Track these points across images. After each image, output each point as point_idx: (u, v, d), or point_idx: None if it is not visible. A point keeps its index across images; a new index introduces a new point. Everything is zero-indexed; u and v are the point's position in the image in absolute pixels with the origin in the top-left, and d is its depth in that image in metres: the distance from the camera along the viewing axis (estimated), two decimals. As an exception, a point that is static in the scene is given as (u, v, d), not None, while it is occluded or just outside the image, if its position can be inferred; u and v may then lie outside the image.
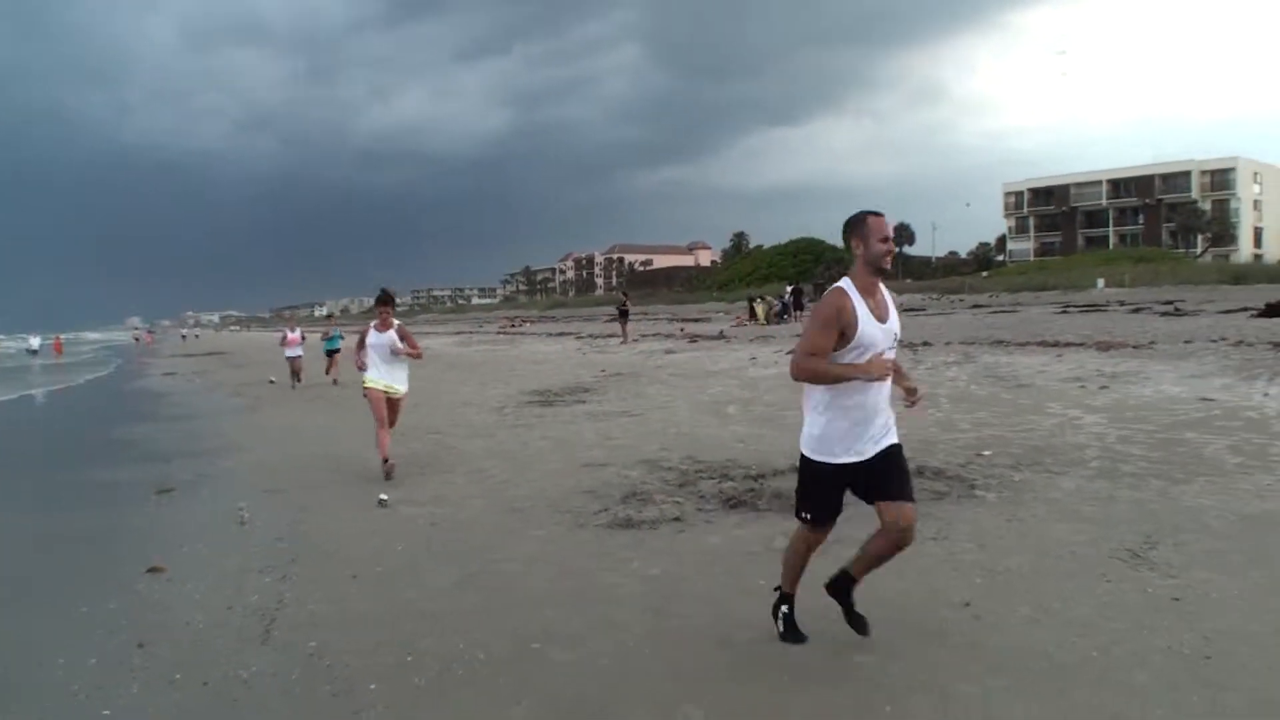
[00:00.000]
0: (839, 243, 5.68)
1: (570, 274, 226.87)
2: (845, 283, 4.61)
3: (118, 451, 14.86)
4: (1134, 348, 19.03)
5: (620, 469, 10.21)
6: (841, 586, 4.99)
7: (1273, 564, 5.94)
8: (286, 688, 4.89)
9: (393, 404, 10.98)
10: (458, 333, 66.46)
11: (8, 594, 7.07)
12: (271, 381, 27.75)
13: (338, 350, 27.17)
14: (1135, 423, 11.06)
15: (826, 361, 4.53)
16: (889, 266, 4.68)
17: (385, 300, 11.04)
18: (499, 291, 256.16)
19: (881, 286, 4.70)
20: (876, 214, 4.65)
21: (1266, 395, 12.34)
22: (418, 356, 11.09)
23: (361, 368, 11.00)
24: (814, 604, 5.14)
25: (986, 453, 9.83)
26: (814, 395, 4.74)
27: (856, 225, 4.64)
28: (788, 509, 7.90)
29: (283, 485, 10.70)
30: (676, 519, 7.89)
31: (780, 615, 5.12)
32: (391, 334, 10.87)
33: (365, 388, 10.94)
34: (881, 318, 4.62)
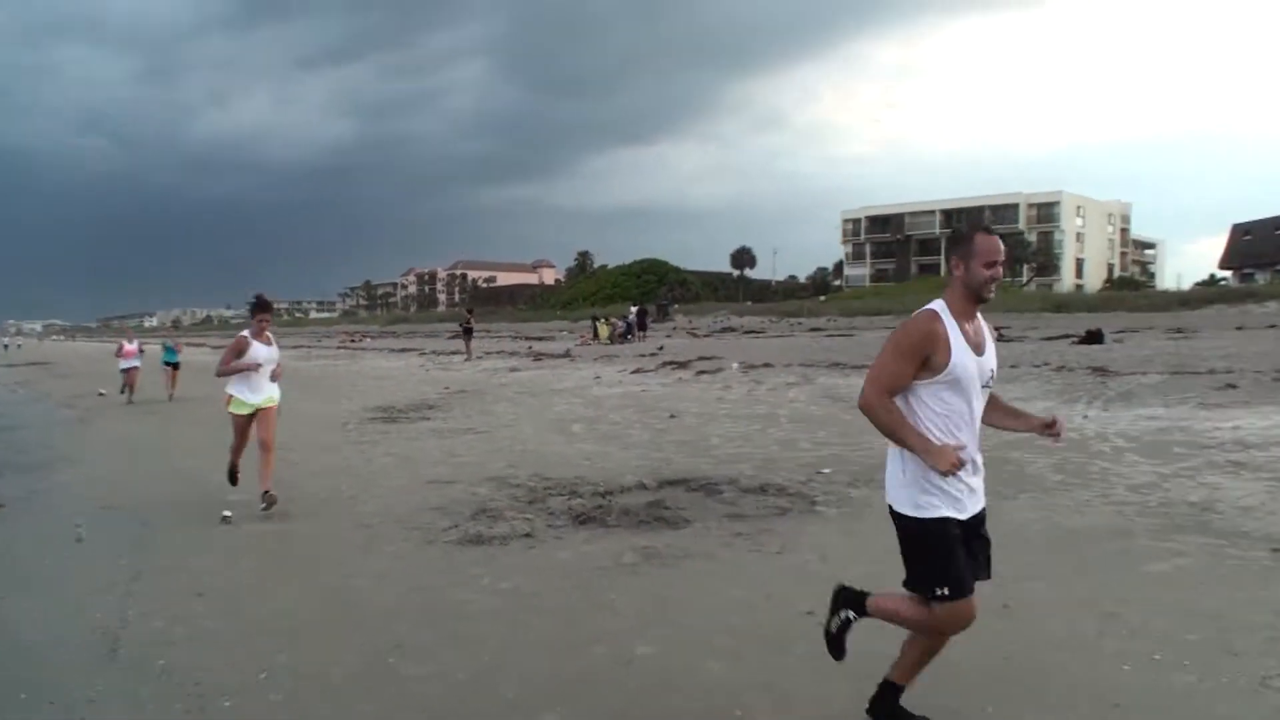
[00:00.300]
0: (682, 263, 5.83)
1: (412, 289, 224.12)
2: (938, 304, 4.00)
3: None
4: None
5: (468, 486, 10.25)
6: (888, 700, 4.27)
7: (1093, 574, 6.36)
8: (137, 705, 4.83)
9: (267, 415, 9.65)
10: (296, 347, 64.98)
11: None
12: (101, 394, 26.71)
13: (176, 364, 25.42)
14: (963, 443, 11.58)
15: (900, 413, 3.91)
16: (991, 295, 4.02)
17: (264, 307, 9.68)
18: (338, 305, 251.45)
19: (980, 316, 4.11)
20: (988, 232, 4.06)
21: (1086, 417, 13.06)
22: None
23: (225, 374, 9.60)
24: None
25: (826, 470, 10.19)
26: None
27: (962, 242, 4.06)
28: (635, 525, 8.16)
29: (121, 501, 10.40)
30: (527, 535, 7.99)
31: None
32: (275, 348, 9.73)
33: (234, 412, 9.69)
34: (978, 349, 4.00)
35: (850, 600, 4.45)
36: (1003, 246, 4.02)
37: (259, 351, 9.51)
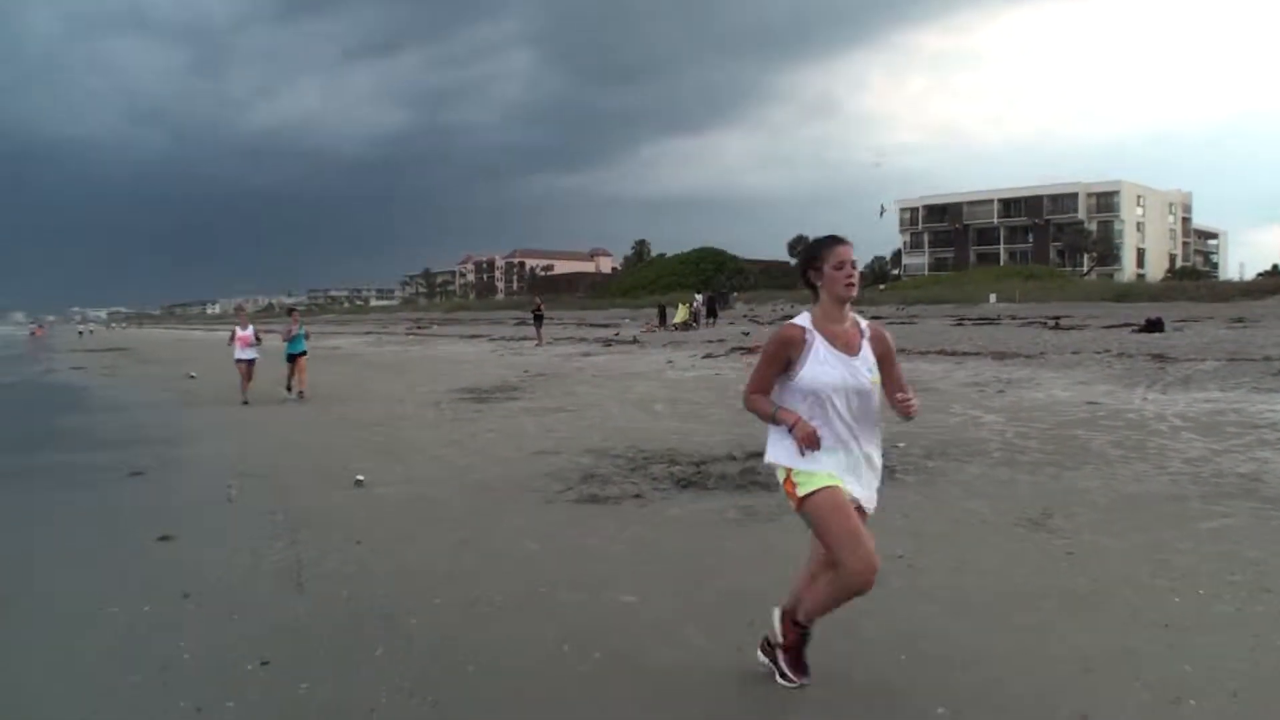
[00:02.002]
0: (739, 252, 6.54)
1: (470, 277, 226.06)
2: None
3: (70, 439, 15.35)
4: (1026, 357, 20.65)
5: (571, 456, 11.20)
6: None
7: (1149, 530, 7.19)
8: (336, 624, 5.80)
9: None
10: (366, 333, 66.59)
11: (33, 559, 7.83)
12: (191, 377, 27.95)
13: (304, 354, 21.05)
14: (1030, 421, 12.38)
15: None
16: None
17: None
18: (397, 293, 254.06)
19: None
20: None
21: (1145, 400, 13.81)
22: None
23: None
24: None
25: (900, 445, 11.01)
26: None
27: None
28: (733, 488, 9.07)
29: (253, 469, 11.47)
30: (637, 495, 8.93)
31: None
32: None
33: None
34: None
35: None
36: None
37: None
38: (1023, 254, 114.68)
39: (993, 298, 68.64)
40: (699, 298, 57.59)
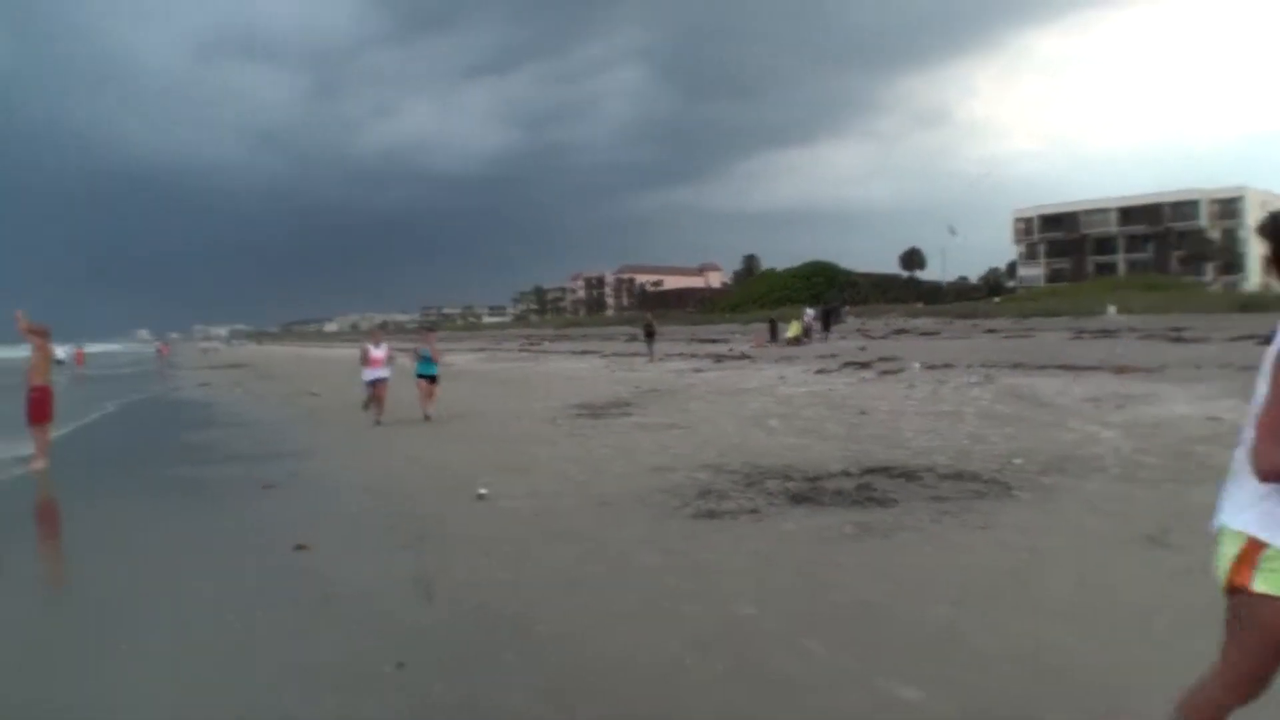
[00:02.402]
0: (851, 266, 6.61)
1: (580, 293, 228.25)
2: None
3: (204, 453, 16.10)
4: (1146, 372, 20.29)
5: (687, 472, 11.38)
6: None
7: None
8: (466, 629, 6.07)
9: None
10: (480, 349, 67.66)
11: (179, 567, 8.29)
12: (314, 394, 28.79)
13: (434, 377, 19.85)
14: (1149, 437, 12.21)
15: None
16: None
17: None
18: (509, 310, 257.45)
19: None
20: None
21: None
22: None
23: None
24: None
25: (1017, 461, 10.97)
26: None
27: None
28: (848, 504, 9.16)
29: (377, 484, 11.91)
30: (753, 510, 9.06)
31: None
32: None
33: None
34: None
35: None
36: None
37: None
38: (1142, 264, 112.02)
39: (1111, 309, 67.12)
40: (810, 312, 57.53)
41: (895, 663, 5.11)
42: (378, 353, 19.61)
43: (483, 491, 10.55)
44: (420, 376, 19.73)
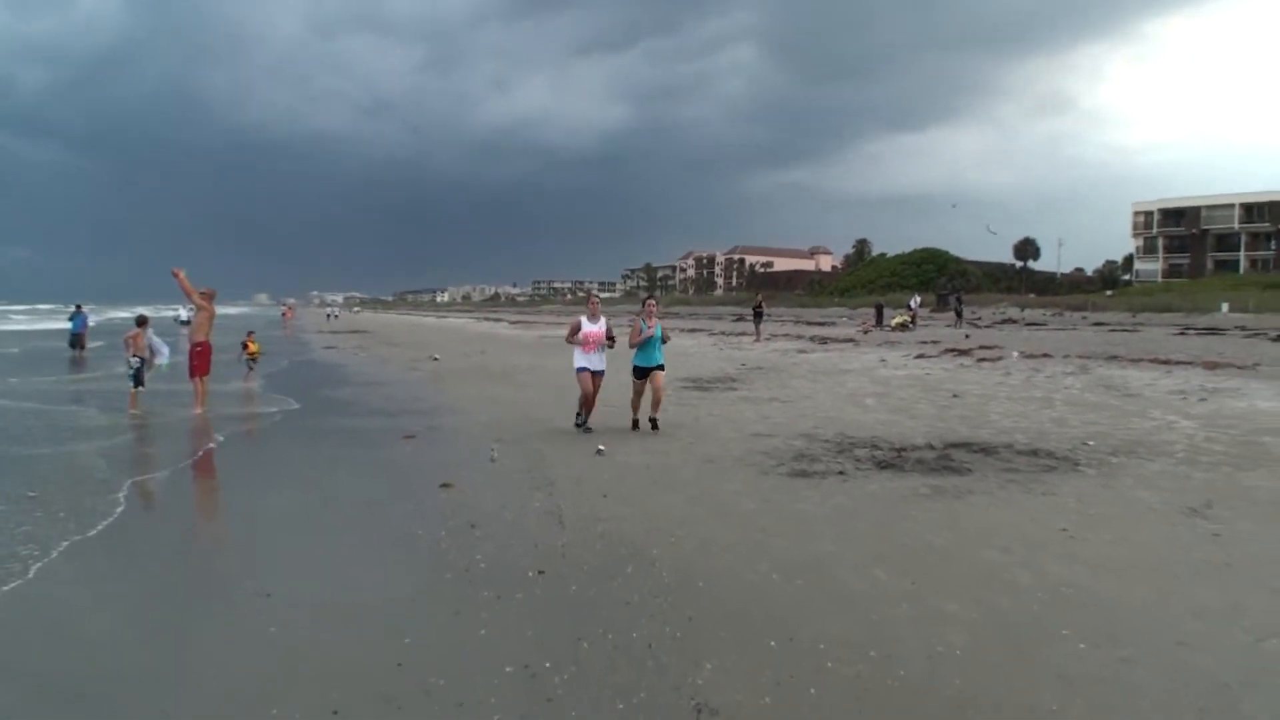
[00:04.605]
0: (961, 253, 7.59)
1: (690, 272, 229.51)
2: None
3: (347, 407, 17.75)
4: (1239, 368, 20.86)
5: (784, 439, 12.54)
6: None
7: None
8: (594, 550, 7.34)
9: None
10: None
11: (341, 499, 9.75)
12: (435, 359, 30.44)
13: (660, 367, 14.65)
14: (1223, 428, 13.01)
15: None
16: None
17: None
18: (618, 286, 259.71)
19: None
20: None
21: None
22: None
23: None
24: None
25: (1090, 443, 11.90)
26: None
27: None
28: (926, 471, 10.24)
29: (508, 436, 13.30)
30: (840, 472, 10.22)
31: None
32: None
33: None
34: None
35: None
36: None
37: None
38: (1264, 262, 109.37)
39: (1225, 307, 66.29)
40: (916, 300, 58.04)
41: (944, 588, 6.28)
42: (595, 328, 14.78)
43: (601, 448, 11.86)
44: (640, 371, 14.71)
